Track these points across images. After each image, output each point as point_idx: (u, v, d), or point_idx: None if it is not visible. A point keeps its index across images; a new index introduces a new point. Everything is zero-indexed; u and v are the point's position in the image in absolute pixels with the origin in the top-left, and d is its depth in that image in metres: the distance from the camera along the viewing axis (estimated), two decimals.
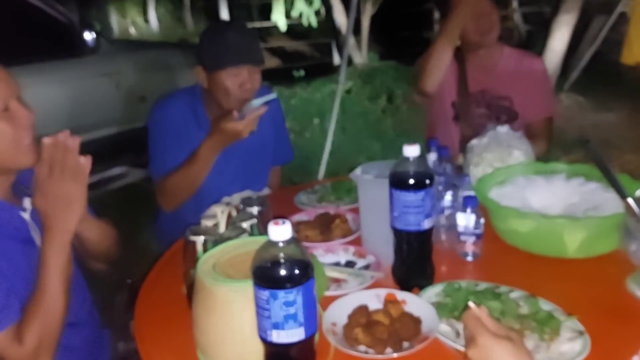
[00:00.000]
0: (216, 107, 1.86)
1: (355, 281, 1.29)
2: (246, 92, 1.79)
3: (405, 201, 1.18)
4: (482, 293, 1.16)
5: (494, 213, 1.44)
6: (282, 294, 0.82)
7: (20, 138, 1.16)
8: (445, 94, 2.20)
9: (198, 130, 1.86)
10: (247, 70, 1.78)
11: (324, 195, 1.83)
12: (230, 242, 1.10)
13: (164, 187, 1.85)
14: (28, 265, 1.18)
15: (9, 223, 1.20)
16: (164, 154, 1.84)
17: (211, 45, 1.77)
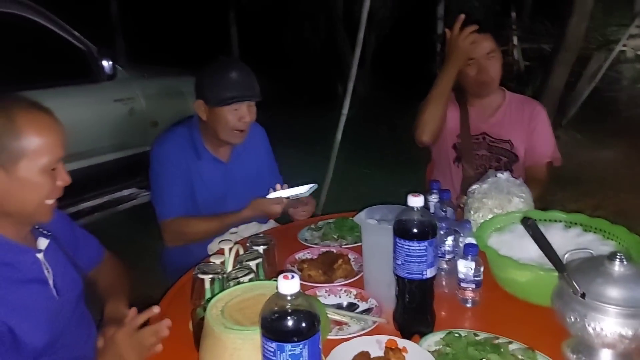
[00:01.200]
0: (213, 138, 1.99)
1: (356, 325, 1.31)
2: (243, 124, 1.94)
3: (409, 250, 1.22)
4: (482, 344, 1.19)
5: (493, 261, 1.47)
6: (289, 347, 0.85)
7: (50, 198, 1.24)
8: (447, 136, 2.26)
9: (197, 160, 2.00)
10: (246, 105, 1.93)
11: (327, 233, 1.86)
12: (238, 286, 1.13)
13: (174, 229, 1.94)
14: (35, 304, 1.23)
15: (25, 264, 1.25)
16: (170, 195, 1.95)
17: (214, 83, 1.89)
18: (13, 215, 1.23)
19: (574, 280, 1.14)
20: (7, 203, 1.20)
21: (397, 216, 1.25)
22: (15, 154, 1.17)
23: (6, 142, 1.16)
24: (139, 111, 3.86)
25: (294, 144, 5.77)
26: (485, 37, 2.14)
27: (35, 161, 1.19)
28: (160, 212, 1.95)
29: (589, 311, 1.11)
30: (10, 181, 1.18)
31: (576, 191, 4.51)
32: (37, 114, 1.21)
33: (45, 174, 1.21)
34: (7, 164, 1.17)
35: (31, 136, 1.18)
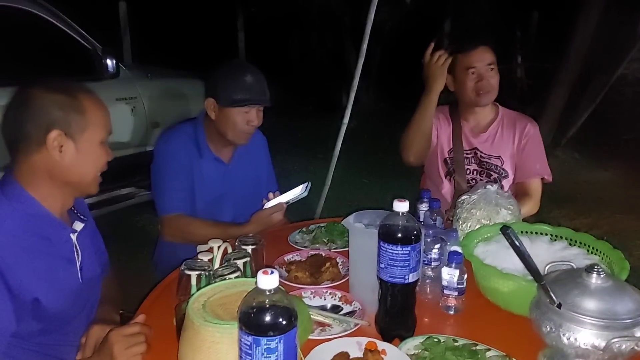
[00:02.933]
0: (218, 138, 2.02)
1: (339, 327, 1.33)
2: (251, 128, 1.98)
3: (392, 254, 1.24)
4: (460, 350, 1.21)
5: (477, 270, 1.49)
6: (265, 341, 0.87)
7: (101, 169, 1.39)
8: (438, 151, 2.29)
9: (199, 159, 2.03)
10: (255, 110, 1.97)
11: (318, 237, 1.88)
12: (222, 282, 1.15)
13: (175, 226, 1.98)
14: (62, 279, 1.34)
15: (60, 241, 1.36)
16: (171, 191, 1.98)
17: (228, 84, 1.93)
18: (72, 185, 1.35)
19: (551, 290, 1.16)
20: (71, 173, 1.33)
21: (382, 220, 1.28)
22: (81, 127, 1.31)
23: (73, 116, 1.30)
24: (140, 111, 3.89)
25: (295, 151, 5.82)
26: (486, 50, 2.20)
27: (96, 135, 1.34)
28: (162, 206, 1.98)
29: (564, 321, 1.12)
30: (76, 152, 1.31)
31: (572, 209, 4.53)
32: (92, 94, 1.37)
33: (101, 147, 1.36)
34: (75, 135, 1.31)
35: (93, 111, 1.33)
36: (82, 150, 1.32)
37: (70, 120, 1.29)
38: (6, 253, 1.22)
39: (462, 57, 2.20)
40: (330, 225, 1.94)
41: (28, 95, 1.29)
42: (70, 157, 1.31)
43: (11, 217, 1.26)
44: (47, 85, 1.31)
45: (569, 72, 5.79)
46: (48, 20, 3.47)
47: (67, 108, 1.29)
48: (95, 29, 3.79)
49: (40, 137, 1.28)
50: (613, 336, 1.08)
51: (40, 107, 1.29)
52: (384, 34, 7.83)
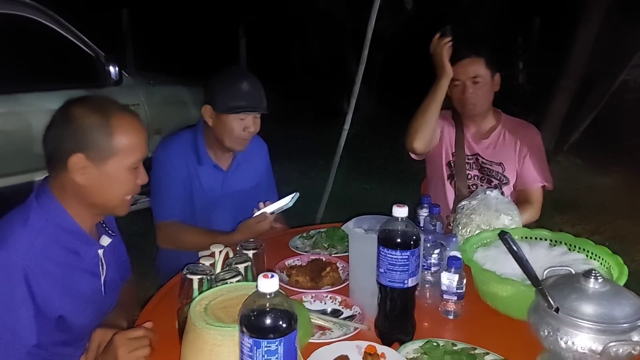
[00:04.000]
0: (216, 144, 2.04)
1: (339, 331, 1.34)
2: (248, 134, 1.99)
3: (392, 259, 1.25)
4: (458, 353, 1.22)
5: (476, 275, 1.50)
6: (265, 343, 0.89)
7: (130, 193, 1.37)
8: (442, 153, 2.30)
9: (198, 166, 2.05)
10: (252, 116, 1.98)
11: (318, 242, 1.90)
12: (223, 286, 1.16)
13: (167, 232, 2.01)
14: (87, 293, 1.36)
15: (87, 256, 1.37)
16: (166, 199, 2.01)
17: (225, 90, 1.94)
18: (97, 207, 1.35)
19: (549, 294, 1.17)
20: (94, 195, 1.32)
21: (381, 225, 1.29)
22: (107, 152, 1.28)
23: (100, 140, 1.27)
24: (143, 118, 3.88)
25: (296, 157, 5.83)
26: (474, 62, 2.20)
27: (124, 160, 1.30)
28: (157, 213, 2.01)
29: (561, 325, 1.13)
30: (99, 176, 1.29)
31: (574, 215, 4.53)
32: (128, 117, 1.33)
33: (130, 172, 1.33)
34: (99, 161, 1.28)
35: (122, 136, 1.29)
36: (107, 174, 1.30)
37: (95, 145, 1.28)
38: (38, 269, 1.24)
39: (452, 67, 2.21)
40: (331, 230, 1.96)
41: (66, 113, 1.29)
42: (93, 181, 1.30)
43: (45, 230, 1.28)
44: (86, 105, 1.30)
45: (571, 79, 5.81)
46: (52, 29, 3.51)
47: (95, 132, 1.27)
48: (98, 37, 3.83)
49: (64, 159, 1.28)
50: (610, 340, 1.09)
51: (69, 129, 1.28)
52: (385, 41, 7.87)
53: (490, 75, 2.21)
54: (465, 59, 2.19)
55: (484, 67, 2.19)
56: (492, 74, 2.22)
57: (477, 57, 2.20)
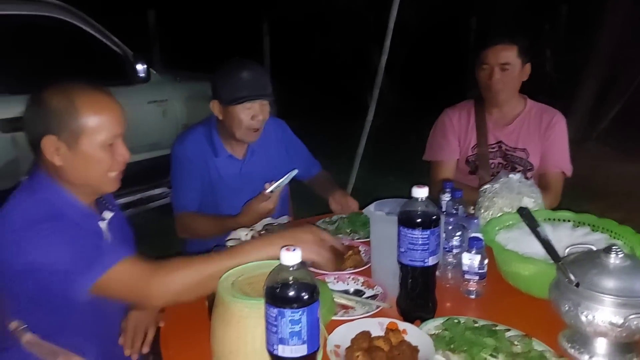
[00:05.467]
0: (229, 136, 2.07)
1: (361, 309, 1.38)
2: (257, 122, 2.00)
3: (412, 238, 1.28)
4: (479, 329, 1.24)
5: (498, 255, 1.52)
6: (289, 312, 0.93)
7: (112, 170, 1.37)
8: (461, 154, 2.33)
9: (214, 157, 2.09)
10: (258, 104, 1.99)
11: (341, 227, 1.93)
12: (249, 264, 1.21)
13: (184, 222, 2.07)
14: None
15: (91, 227, 1.39)
16: (184, 189, 2.06)
17: (227, 82, 1.97)
18: (82, 186, 1.36)
19: (569, 270, 1.19)
20: (74, 175, 1.34)
21: (402, 206, 1.32)
22: (76, 132, 1.29)
23: (67, 121, 1.29)
24: (171, 113, 4.01)
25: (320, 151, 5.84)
26: (506, 48, 2.19)
27: (94, 137, 1.31)
28: (175, 205, 2.07)
29: (582, 300, 1.15)
30: (74, 157, 1.31)
31: (603, 203, 4.45)
32: (94, 95, 1.33)
33: (104, 149, 1.33)
34: (70, 141, 1.30)
35: (89, 115, 1.30)
36: (80, 154, 1.31)
37: (64, 126, 1.29)
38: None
39: (481, 52, 2.22)
40: (353, 215, 1.99)
41: (35, 98, 1.33)
42: (69, 162, 1.32)
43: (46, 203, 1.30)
44: (53, 89, 1.31)
45: (599, 65, 5.70)
46: (81, 28, 3.61)
47: (61, 113, 1.29)
48: (126, 37, 3.92)
49: (37, 143, 1.31)
50: (630, 313, 1.10)
51: (38, 112, 1.31)
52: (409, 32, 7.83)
53: (520, 64, 2.20)
54: (498, 45, 2.19)
55: (515, 54, 2.18)
56: (523, 63, 2.21)
57: (510, 45, 2.18)
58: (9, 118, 3.14)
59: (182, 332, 1.31)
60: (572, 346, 1.22)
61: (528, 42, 2.27)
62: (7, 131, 3.13)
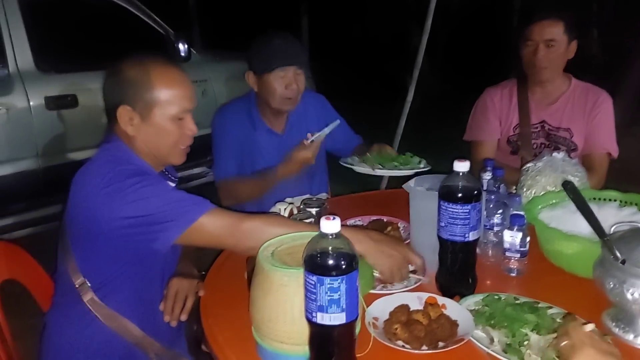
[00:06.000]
0: (266, 108, 2.09)
1: (400, 284, 1.37)
2: (291, 91, 2.01)
3: (452, 213, 1.26)
4: (520, 306, 1.22)
5: (541, 233, 1.49)
6: (328, 280, 0.93)
7: (180, 143, 1.44)
8: (502, 132, 2.27)
9: (253, 131, 2.11)
10: (292, 72, 2.00)
11: (367, 159, 1.95)
12: (288, 235, 1.22)
13: (226, 189, 2.09)
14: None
15: None
16: (225, 159, 2.09)
17: (260, 51, 2.00)
18: (152, 156, 1.43)
19: (615, 247, 1.15)
20: (145, 145, 1.41)
21: (442, 181, 1.30)
22: (149, 103, 1.37)
23: (142, 93, 1.36)
24: (210, 93, 4.05)
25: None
26: (552, 24, 2.11)
27: (166, 110, 1.38)
28: (216, 174, 2.11)
29: (628, 277, 1.12)
30: (146, 127, 1.39)
31: None
32: (168, 69, 1.40)
33: (174, 122, 1.40)
34: (143, 112, 1.37)
35: (162, 88, 1.37)
36: (152, 125, 1.38)
37: (138, 97, 1.36)
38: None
39: (526, 28, 2.16)
40: (383, 151, 2.01)
41: (114, 69, 1.40)
42: (141, 131, 1.39)
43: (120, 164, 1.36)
44: (131, 61, 1.39)
45: None
46: (125, 8, 3.68)
47: (137, 84, 1.36)
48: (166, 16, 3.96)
49: (114, 111, 1.38)
50: None
51: (116, 83, 1.39)
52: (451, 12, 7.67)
53: (566, 41, 2.12)
54: (544, 20, 2.11)
55: (562, 31, 2.11)
56: (569, 40, 2.13)
57: (557, 20, 2.11)
58: (55, 96, 3.25)
59: (222, 301, 1.34)
60: (616, 325, 1.19)
61: (575, 19, 2.19)
62: (52, 108, 3.23)
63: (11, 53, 3.12)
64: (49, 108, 3.22)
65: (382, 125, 5.39)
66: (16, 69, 3.14)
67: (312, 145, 1.90)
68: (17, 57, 3.15)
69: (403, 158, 2.00)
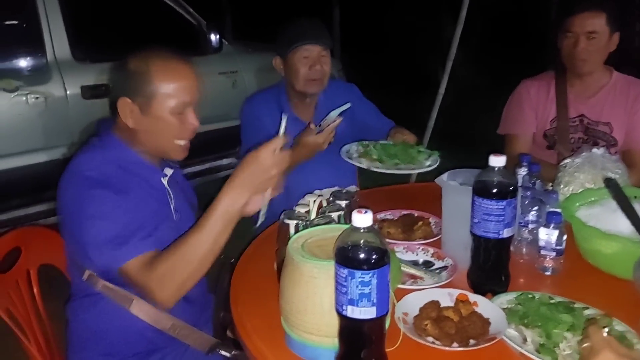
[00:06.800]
0: (295, 95, 2.08)
1: (430, 280, 1.35)
2: (315, 72, 1.99)
3: (487, 209, 1.23)
4: (555, 305, 1.19)
5: (578, 232, 1.45)
6: (359, 274, 0.92)
7: (179, 138, 1.42)
8: (538, 125, 2.21)
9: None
10: (317, 53, 1.98)
11: (370, 152, 1.88)
12: (318, 227, 1.21)
13: None
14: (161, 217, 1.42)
15: (154, 183, 1.47)
16: (248, 144, 2.08)
17: (284, 34, 2.01)
18: (150, 150, 1.43)
19: None
20: (144, 139, 1.40)
21: (477, 175, 1.27)
22: (148, 96, 1.35)
23: (141, 85, 1.35)
24: (241, 85, 4.06)
25: None
26: (594, 15, 2.05)
27: (164, 103, 1.36)
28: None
29: None
30: (145, 120, 1.37)
31: None
32: (169, 62, 1.38)
33: (173, 116, 1.38)
34: (143, 105, 1.36)
35: (161, 81, 1.35)
36: (152, 118, 1.37)
37: (138, 89, 1.35)
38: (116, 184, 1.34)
39: (566, 19, 2.09)
40: (388, 145, 1.93)
41: (118, 62, 1.41)
42: (141, 125, 1.38)
43: (113, 159, 1.38)
44: (135, 54, 1.38)
45: None
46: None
47: (137, 77, 1.35)
48: (198, 7, 3.97)
49: (114, 103, 1.38)
50: None
51: (118, 75, 1.40)
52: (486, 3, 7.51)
53: (608, 33, 2.05)
54: (586, 11, 2.05)
55: (604, 22, 2.04)
56: (611, 32, 2.06)
57: (599, 11, 2.04)
58: (91, 85, 3.30)
59: (251, 289, 1.34)
60: None
61: (618, 10, 2.12)
62: (88, 97, 3.29)
63: (49, 42, 3.19)
64: (85, 97, 3.28)
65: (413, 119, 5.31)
66: (54, 58, 3.20)
67: (325, 131, 1.84)
68: (55, 46, 3.21)
69: (410, 152, 1.91)
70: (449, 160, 5.09)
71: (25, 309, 1.43)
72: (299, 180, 2.08)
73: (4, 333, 1.35)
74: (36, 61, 3.22)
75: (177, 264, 1.27)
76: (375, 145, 1.92)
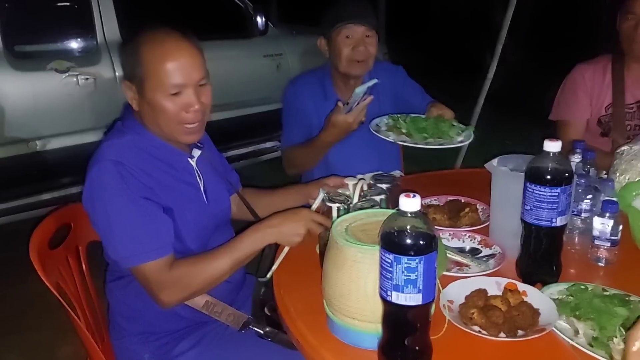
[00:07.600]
0: (338, 76, 2.05)
1: (477, 267, 1.32)
2: (359, 53, 1.94)
3: (539, 196, 1.18)
4: (610, 298, 1.14)
5: (635, 222, 1.38)
6: (405, 259, 0.90)
7: (181, 120, 1.34)
8: (593, 112, 2.11)
9: (325, 101, 2.06)
10: (361, 34, 1.93)
11: (400, 125, 1.81)
12: (363, 211, 1.19)
13: (287, 157, 2.12)
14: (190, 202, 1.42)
15: (181, 165, 1.44)
16: (291, 127, 2.09)
17: (329, 12, 1.97)
18: (162, 135, 1.38)
19: None
20: (149, 122, 1.37)
21: (530, 161, 1.22)
22: (140, 78, 1.31)
23: (134, 67, 1.32)
24: (285, 68, 4.05)
25: None
26: None
27: (155, 85, 1.30)
28: (283, 142, 2.13)
29: None
30: (144, 102, 1.33)
31: None
32: (160, 42, 1.30)
33: (167, 98, 1.31)
34: (138, 87, 1.33)
35: (149, 62, 1.29)
36: (148, 100, 1.32)
37: (132, 72, 1.32)
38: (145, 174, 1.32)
39: (626, 1, 1.99)
40: (418, 119, 1.84)
41: (123, 43, 1.43)
42: (142, 107, 1.35)
43: (138, 143, 1.36)
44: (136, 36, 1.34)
45: None
46: None
47: (130, 59, 1.32)
48: None
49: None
50: None
51: (122, 57, 1.40)
52: None
53: None
54: None
55: None
56: None
57: None
58: None
59: (294, 272, 1.34)
60: None
61: None
62: None
63: (99, 24, 3.25)
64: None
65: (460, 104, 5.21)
66: (104, 40, 3.26)
67: (355, 110, 1.77)
68: (105, 28, 3.27)
69: (441, 127, 1.81)
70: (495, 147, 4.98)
71: (75, 284, 1.47)
72: (342, 163, 2.07)
73: (55, 307, 1.38)
74: (86, 42, 3.30)
75: (194, 276, 1.31)
76: (405, 118, 1.86)
